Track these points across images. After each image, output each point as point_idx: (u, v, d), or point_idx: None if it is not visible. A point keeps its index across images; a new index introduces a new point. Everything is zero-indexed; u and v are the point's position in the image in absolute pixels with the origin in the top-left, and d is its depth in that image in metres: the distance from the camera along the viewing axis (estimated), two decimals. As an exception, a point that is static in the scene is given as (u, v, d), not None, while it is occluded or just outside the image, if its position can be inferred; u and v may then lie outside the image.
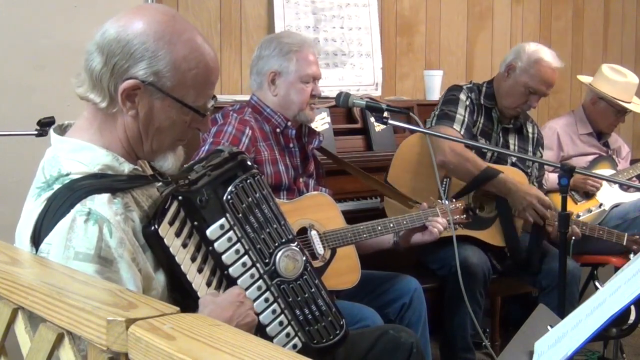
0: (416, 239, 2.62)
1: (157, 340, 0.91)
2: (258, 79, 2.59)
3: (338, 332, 1.74)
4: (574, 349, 1.21)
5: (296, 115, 2.56)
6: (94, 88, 1.45)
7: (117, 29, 1.43)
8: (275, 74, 2.55)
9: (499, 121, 3.22)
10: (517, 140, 3.26)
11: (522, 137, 3.26)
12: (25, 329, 1.16)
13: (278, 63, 2.54)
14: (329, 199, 2.55)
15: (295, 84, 2.54)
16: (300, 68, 2.54)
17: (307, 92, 2.55)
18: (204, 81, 1.49)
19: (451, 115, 3.07)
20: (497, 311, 3.54)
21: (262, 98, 2.58)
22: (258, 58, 2.60)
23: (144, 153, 1.52)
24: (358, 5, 3.91)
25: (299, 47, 2.55)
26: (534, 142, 3.31)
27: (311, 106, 2.59)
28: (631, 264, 1.43)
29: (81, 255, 1.33)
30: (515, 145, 3.25)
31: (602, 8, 4.98)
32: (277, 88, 2.55)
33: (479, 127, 3.17)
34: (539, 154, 3.31)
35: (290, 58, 2.53)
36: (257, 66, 2.60)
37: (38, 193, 1.42)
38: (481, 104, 3.19)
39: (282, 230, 1.66)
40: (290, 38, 2.61)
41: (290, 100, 2.55)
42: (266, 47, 2.58)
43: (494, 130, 3.20)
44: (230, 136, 2.43)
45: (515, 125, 3.26)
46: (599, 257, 3.55)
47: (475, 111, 3.17)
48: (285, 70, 2.54)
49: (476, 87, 3.24)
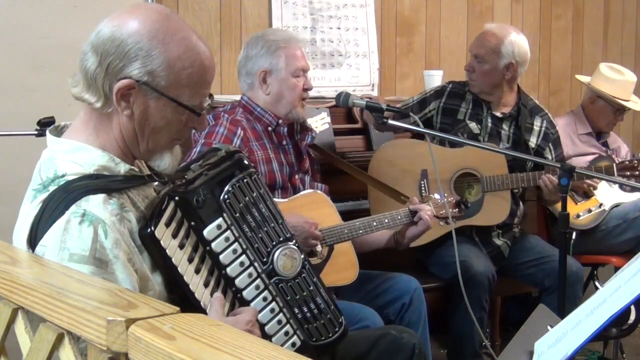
0: (411, 232, 2.62)
1: (157, 340, 0.91)
2: (248, 80, 2.60)
3: (337, 329, 1.74)
4: (574, 349, 1.21)
5: (289, 112, 2.57)
6: (89, 88, 1.44)
7: (111, 29, 1.43)
8: (265, 72, 2.55)
9: (489, 109, 3.24)
10: (514, 129, 3.25)
11: (518, 127, 3.25)
12: (25, 329, 1.16)
13: (267, 61, 2.55)
14: (324, 196, 2.55)
15: (287, 79, 2.55)
16: (289, 63, 2.54)
17: (300, 86, 2.56)
18: (199, 80, 1.48)
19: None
20: (497, 311, 3.54)
21: (252, 98, 2.59)
22: (246, 59, 2.60)
23: (141, 153, 1.51)
24: (355, 5, 3.92)
25: (285, 42, 2.56)
26: (540, 135, 3.28)
27: (302, 103, 2.59)
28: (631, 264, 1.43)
29: (76, 256, 1.32)
30: (509, 133, 3.24)
31: (602, 8, 4.97)
32: (269, 86, 2.56)
33: (467, 112, 3.23)
34: (548, 149, 3.30)
35: (279, 55, 2.54)
36: (245, 67, 2.60)
37: (34, 195, 1.42)
38: (465, 92, 3.26)
39: (279, 229, 1.66)
40: (276, 35, 2.62)
41: (284, 96, 2.56)
42: (253, 47, 2.58)
43: (483, 116, 3.23)
44: (222, 137, 2.43)
45: (509, 115, 3.25)
46: (599, 257, 3.56)
47: (458, 97, 3.26)
48: (275, 67, 2.55)
49: (463, 82, 3.33)
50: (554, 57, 4.78)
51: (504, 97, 3.24)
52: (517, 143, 3.23)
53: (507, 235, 3.23)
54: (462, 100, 3.26)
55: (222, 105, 2.69)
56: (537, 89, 4.69)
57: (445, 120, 3.25)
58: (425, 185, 3.05)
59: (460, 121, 3.23)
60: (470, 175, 3.13)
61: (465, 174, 3.13)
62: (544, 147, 3.28)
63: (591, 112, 3.81)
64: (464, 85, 3.29)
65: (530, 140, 3.25)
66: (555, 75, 4.79)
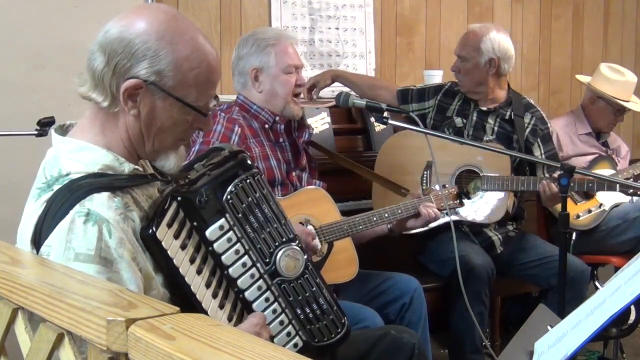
0: (409, 225, 2.64)
1: (157, 340, 0.91)
2: (241, 79, 2.62)
3: (340, 330, 1.74)
4: (574, 349, 1.21)
5: (283, 109, 2.58)
6: (96, 87, 1.45)
7: (119, 29, 1.43)
8: (257, 70, 2.57)
9: (476, 105, 3.29)
10: (499, 123, 3.27)
11: (505, 122, 3.27)
12: (25, 329, 1.16)
13: (258, 59, 2.57)
14: (324, 193, 2.56)
15: (278, 76, 2.56)
16: (280, 60, 2.56)
17: (292, 82, 2.58)
18: (205, 81, 1.49)
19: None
20: (497, 311, 3.54)
21: (247, 96, 2.61)
22: (238, 58, 2.62)
23: (146, 153, 1.52)
24: (354, 6, 3.93)
25: (275, 40, 2.58)
26: (526, 130, 3.28)
27: (295, 100, 2.60)
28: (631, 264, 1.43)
29: (82, 256, 1.32)
30: (494, 127, 3.27)
31: (602, 8, 4.98)
32: (261, 84, 2.57)
33: (455, 109, 3.31)
34: (537, 144, 3.30)
35: (269, 52, 2.56)
36: (238, 67, 2.62)
37: (38, 194, 1.42)
38: (456, 90, 3.33)
39: (282, 230, 1.66)
40: (266, 33, 2.63)
41: (276, 93, 2.57)
42: (244, 46, 2.60)
43: (470, 112, 3.29)
44: (220, 135, 2.45)
45: (494, 110, 3.27)
46: (599, 257, 3.56)
47: (452, 96, 3.33)
48: (265, 65, 2.56)
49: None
50: (554, 57, 4.79)
51: (491, 93, 3.28)
52: (503, 136, 3.24)
53: (500, 230, 3.24)
54: (454, 98, 3.33)
55: (220, 105, 2.69)
56: (537, 89, 4.69)
57: (436, 118, 3.32)
58: (427, 176, 3.07)
59: (448, 117, 3.30)
60: (473, 173, 3.15)
61: (469, 171, 3.15)
62: (532, 142, 3.28)
63: (591, 112, 3.81)
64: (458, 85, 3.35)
65: (517, 134, 3.26)
66: (555, 75, 4.79)
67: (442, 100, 3.33)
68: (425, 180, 3.08)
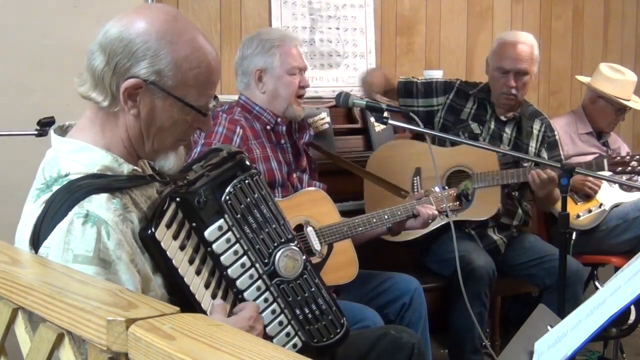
0: (409, 224, 2.64)
1: (157, 340, 0.91)
2: (245, 79, 2.62)
3: (339, 330, 1.74)
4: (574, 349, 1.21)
5: (285, 110, 2.58)
6: (96, 87, 1.45)
7: (119, 29, 1.43)
8: (261, 71, 2.57)
9: (494, 111, 3.25)
10: (515, 132, 3.26)
11: (521, 131, 3.26)
12: (25, 329, 1.16)
13: (262, 60, 2.57)
14: (323, 194, 2.56)
15: (282, 77, 2.57)
16: (284, 61, 2.56)
17: (295, 84, 2.58)
18: (205, 81, 1.49)
19: None
20: (497, 311, 3.54)
21: (250, 97, 2.61)
22: (242, 58, 2.62)
23: (146, 153, 1.52)
24: (355, 6, 3.93)
25: (280, 41, 2.58)
26: (539, 139, 3.30)
27: (298, 101, 2.60)
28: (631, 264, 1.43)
29: (80, 257, 1.32)
30: (511, 137, 3.25)
31: (602, 8, 4.97)
32: (265, 85, 2.58)
33: (470, 113, 3.25)
34: (543, 150, 3.31)
35: (273, 53, 2.56)
36: (241, 67, 2.62)
37: (37, 195, 1.42)
38: (471, 94, 3.27)
39: (281, 230, 1.66)
40: (270, 34, 2.64)
41: (279, 94, 2.57)
42: (248, 46, 2.60)
43: (487, 119, 3.24)
44: (222, 136, 2.45)
45: (513, 118, 3.26)
46: (599, 257, 3.56)
47: (464, 98, 3.27)
48: (270, 66, 2.56)
49: (472, 83, 3.35)
50: (554, 57, 4.78)
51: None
52: (518, 147, 3.24)
53: (504, 232, 3.24)
54: (467, 100, 3.27)
55: (221, 105, 2.69)
56: (537, 89, 4.68)
57: (448, 118, 3.26)
58: (418, 182, 3.07)
59: (463, 121, 3.25)
60: (463, 173, 3.15)
61: (458, 171, 3.15)
62: (540, 150, 3.30)
63: (592, 112, 3.81)
64: (471, 87, 3.30)
65: (530, 145, 3.27)
66: (555, 75, 4.79)
67: (455, 101, 3.27)
68: (415, 186, 3.08)
